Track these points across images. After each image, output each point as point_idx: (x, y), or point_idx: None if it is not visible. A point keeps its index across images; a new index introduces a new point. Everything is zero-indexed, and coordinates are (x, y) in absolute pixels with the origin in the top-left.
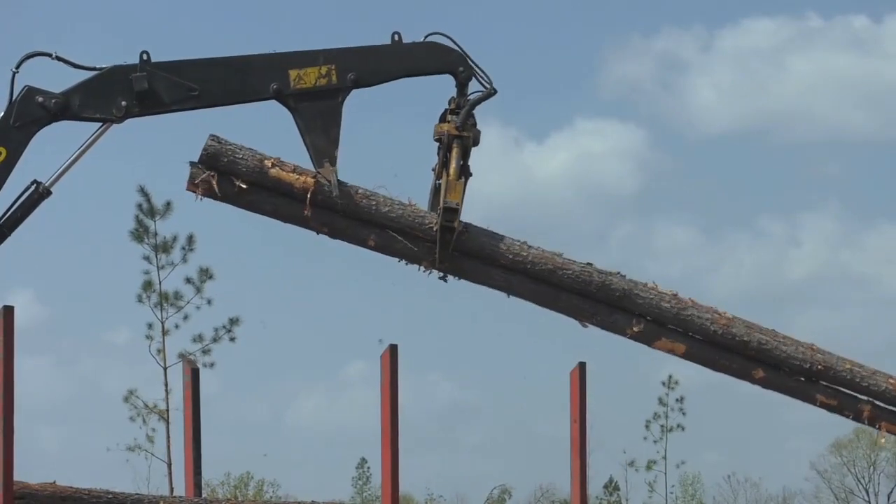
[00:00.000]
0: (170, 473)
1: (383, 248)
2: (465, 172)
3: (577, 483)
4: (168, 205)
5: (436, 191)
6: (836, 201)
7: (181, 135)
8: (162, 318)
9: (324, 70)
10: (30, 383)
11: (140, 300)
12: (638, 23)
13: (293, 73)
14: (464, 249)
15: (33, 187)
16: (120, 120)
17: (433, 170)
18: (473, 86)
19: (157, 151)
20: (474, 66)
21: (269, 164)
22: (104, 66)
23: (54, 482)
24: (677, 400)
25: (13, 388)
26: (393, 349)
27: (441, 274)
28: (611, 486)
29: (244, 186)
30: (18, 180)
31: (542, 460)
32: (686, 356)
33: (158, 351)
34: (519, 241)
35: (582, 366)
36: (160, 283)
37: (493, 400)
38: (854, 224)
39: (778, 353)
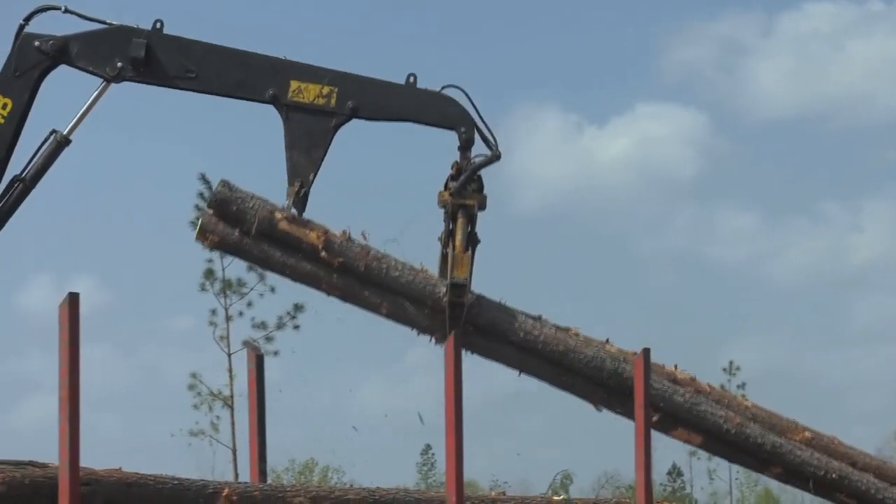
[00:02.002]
0: (234, 460)
1: (395, 316)
2: (472, 241)
3: (641, 469)
4: None
5: (443, 259)
6: None
7: (244, 121)
8: (225, 304)
9: (325, 90)
10: (93, 370)
11: (203, 288)
12: (699, 7)
13: (294, 85)
14: (475, 324)
15: (52, 137)
16: (115, 80)
17: (439, 239)
18: (480, 147)
19: (220, 138)
20: (482, 128)
21: (280, 217)
22: (116, 22)
23: (120, 468)
24: (739, 386)
25: (79, 375)
26: (456, 336)
27: None
28: (674, 473)
29: (250, 238)
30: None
31: (606, 447)
32: (703, 447)
33: (222, 338)
34: (533, 317)
35: (646, 352)
36: (223, 270)
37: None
38: None
39: (791, 457)
